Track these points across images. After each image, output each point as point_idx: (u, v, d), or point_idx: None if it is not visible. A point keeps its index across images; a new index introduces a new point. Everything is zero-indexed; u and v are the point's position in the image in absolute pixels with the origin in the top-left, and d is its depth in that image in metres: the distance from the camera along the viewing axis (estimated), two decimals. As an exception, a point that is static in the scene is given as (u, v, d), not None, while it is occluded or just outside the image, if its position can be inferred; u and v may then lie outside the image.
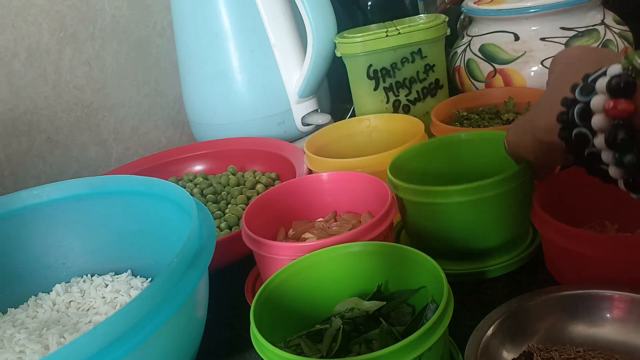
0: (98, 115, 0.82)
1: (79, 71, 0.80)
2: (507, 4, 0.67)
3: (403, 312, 0.39)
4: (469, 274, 0.48)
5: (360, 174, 0.51)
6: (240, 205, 0.62)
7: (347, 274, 0.41)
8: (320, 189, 0.53)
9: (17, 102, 0.74)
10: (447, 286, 0.34)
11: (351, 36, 0.67)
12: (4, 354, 0.41)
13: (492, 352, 0.37)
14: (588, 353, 0.36)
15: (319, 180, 0.53)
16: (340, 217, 0.52)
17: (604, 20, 0.66)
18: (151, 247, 0.48)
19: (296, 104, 0.73)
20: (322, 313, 0.40)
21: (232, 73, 0.72)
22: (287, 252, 0.42)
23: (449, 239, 0.47)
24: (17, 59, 0.74)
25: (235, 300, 0.50)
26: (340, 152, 0.65)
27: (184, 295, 0.34)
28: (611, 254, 0.40)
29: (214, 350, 0.46)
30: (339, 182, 0.52)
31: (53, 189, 0.50)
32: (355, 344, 0.36)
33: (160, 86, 0.89)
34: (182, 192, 0.43)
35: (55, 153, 0.79)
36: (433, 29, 0.68)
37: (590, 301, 0.39)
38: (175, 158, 0.74)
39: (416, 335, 0.30)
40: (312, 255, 0.40)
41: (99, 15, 0.80)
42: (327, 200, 0.53)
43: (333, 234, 0.49)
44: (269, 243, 0.43)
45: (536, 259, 0.48)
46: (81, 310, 0.47)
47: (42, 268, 0.51)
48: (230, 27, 0.71)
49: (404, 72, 0.69)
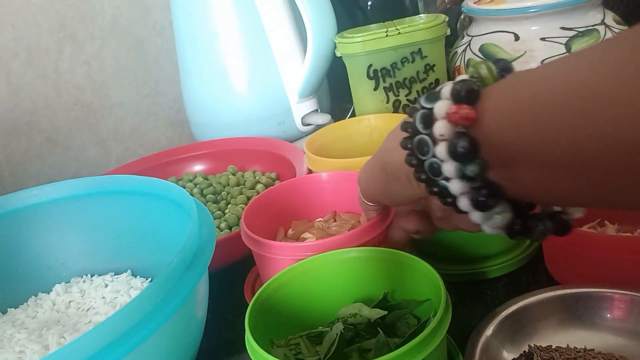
0: (97, 115, 0.82)
1: (79, 71, 0.79)
2: (507, 4, 0.67)
3: (408, 324, 0.38)
4: (469, 274, 0.48)
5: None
6: (240, 205, 0.62)
7: (348, 279, 0.41)
8: (319, 189, 0.53)
9: (16, 102, 0.74)
10: (444, 300, 0.33)
11: (351, 36, 0.67)
12: (4, 354, 0.41)
13: (492, 353, 0.37)
14: (588, 353, 0.36)
15: (319, 180, 0.53)
16: (340, 217, 0.52)
17: (604, 20, 0.66)
18: (151, 247, 0.48)
19: (296, 104, 0.73)
20: (327, 316, 0.40)
21: (232, 73, 0.72)
22: (286, 252, 0.42)
23: (451, 246, 0.47)
24: (17, 59, 0.74)
25: (235, 301, 0.50)
26: (340, 152, 0.65)
27: (184, 296, 0.34)
28: (611, 254, 0.40)
29: (214, 350, 0.46)
30: (338, 182, 0.52)
31: (53, 189, 0.50)
32: (352, 351, 0.36)
33: (160, 86, 0.89)
34: (182, 192, 0.43)
35: (54, 153, 0.79)
36: (433, 29, 0.68)
37: (590, 301, 0.39)
38: (175, 158, 0.74)
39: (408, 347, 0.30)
40: (310, 260, 0.40)
41: (98, 15, 0.80)
42: (327, 200, 0.53)
43: (332, 234, 0.49)
44: (268, 243, 0.42)
45: (536, 259, 0.48)
46: (81, 311, 0.47)
47: (42, 268, 0.51)
48: (230, 27, 0.71)
49: (404, 72, 0.69)
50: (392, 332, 0.38)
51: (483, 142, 0.25)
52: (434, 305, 0.37)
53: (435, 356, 0.32)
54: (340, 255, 0.40)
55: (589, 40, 0.64)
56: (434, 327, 0.31)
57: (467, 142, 0.25)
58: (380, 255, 0.40)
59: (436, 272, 0.36)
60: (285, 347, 0.37)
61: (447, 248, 0.48)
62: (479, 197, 0.26)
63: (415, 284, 0.38)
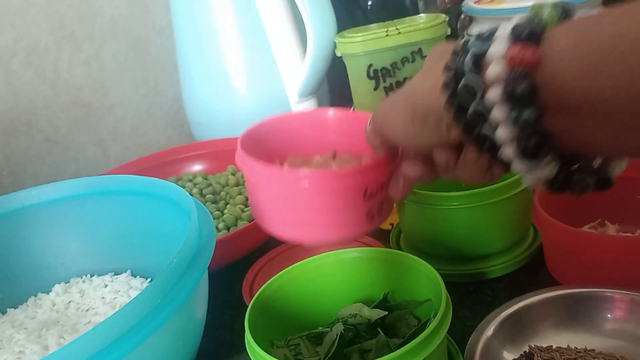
0: (97, 115, 0.82)
1: (78, 71, 0.79)
2: (507, 3, 0.67)
3: (409, 324, 0.38)
4: (470, 274, 0.47)
5: (367, 115, 0.46)
6: (239, 205, 0.62)
7: (348, 279, 0.40)
8: (322, 126, 0.47)
9: (15, 102, 0.74)
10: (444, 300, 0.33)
11: (351, 36, 0.67)
12: (4, 355, 0.41)
13: (493, 353, 0.37)
14: (588, 353, 0.36)
15: (323, 116, 0.47)
16: (340, 157, 0.48)
17: (604, 20, 0.66)
18: (151, 247, 0.48)
19: (296, 104, 0.73)
20: (327, 316, 0.40)
21: (232, 73, 0.72)
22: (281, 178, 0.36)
23: (450, 245, 0.47)
24: (16, 59, 0.74)
25: (235, 301, 0.50)
26: (340, 152, 0.65)
27: (183, 296, 0.34)
28: (611, 254, 0.40)
29: (214, 350, 0.46)
30: (344, 123, 0.46)
31: (52, 189, 0.50)
32: (352, 351, 0.36)
33: (160, 86, 0.88)
34: (182, 192, 0.43)
35: (53, 153, 0.79)
36: (433, 29, 0.68)
37: (591, 301, 0.39)
38: (174, 158, 0.74)
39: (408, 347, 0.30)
40: (310, 261, 0.40)
41: (97, 15, 0.80)
42: (329, 138, 0.48)
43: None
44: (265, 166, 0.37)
45: (537, 259, 0.48)
46: (80, 311, 0.47)
47: (41, 268, 0.50)
48: (230, 26, 0.70)
49: (404, 71, 0.69)
50: (392, 333, 0.38)
51: (543, 86, 0.24)
52: (434, 305, 0.36)
53: (435, 356, 0.32)
54: (340, 255, 0.40)
55: (589, 40, 0.64)
56: (434, 328, 0.31)
57: (527, 84, 0.24)
58: (380, 255, 0.40)
59: (436, 272, 0.36)
60: (285, 347, 0.37)
61: (447, 248, 0.48)
62: (528, 144, 0.25)
63: (415, 284, 0.38)
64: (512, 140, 0.25)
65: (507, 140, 0.26)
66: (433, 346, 0.31)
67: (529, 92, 0.24)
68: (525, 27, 0.24)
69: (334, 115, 0.46)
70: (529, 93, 0.24)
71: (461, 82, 0.26)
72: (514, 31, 0.24)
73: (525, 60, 0.24)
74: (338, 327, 0.37)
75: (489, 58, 0.25)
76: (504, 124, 0.25)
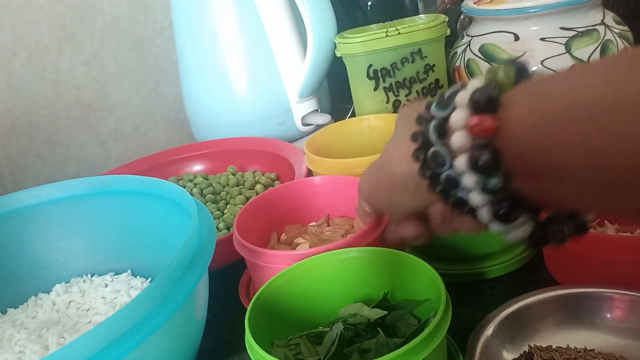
0: (97, 115, 0.82)
1: (79, 71, 0.79)
2: (507, 4, 0.67)
3: (408, 324, 0.38)
4: (469, 274, 0.48)
5: (353, 178, 0.50)
6: (239, 205, 0.62)
7: (348, 279, 0.41)
8: (313, 193, 0.53)
9: (16, 102, 0.74)
10: (444, 300, 0.33)
11: (351, 36, 0.67)
12: (4, 354, 0.41)
13: (493, 353, 0.37)
14: (588, 353, 0.36)
15: (312, 184, 0.53)
16: (333, 222, 0.52)
17: (604, 20, 0.66)
18: (151, 247, 0.48)
19: (296, 104, 0.73)
20: (327, 316, 0.40)
21: (232, 73, 0.72)
22: (279, 261, 0.41)
23: (450, 245, 0.47)
24: (17, 59, 0.74)
25: (236, 301, 0.50)
26: (340, 152, 0.65)
27: (183, 296, 0.34)
28: (611, 254, 0.40)
29: (214, 350, 0.46)
30: (331, 186, 0.52)
31: (52, 189, 0.50)
32: (352, 351, 0.36)
33: (160, 86, 0.89)
34: (182, 192, 0.43)
35: (54, 153, 0.79)
36: (433, 29, 0.68)
37: (590, 301, 0.39)
38: (175, 158, 0.74)
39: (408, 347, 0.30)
40: (310, 260, 0.40)
41: (98, 15, 0.80)
42: (320, 204, 0.53)
43: (325, 239, 0.49)
44: (260, 251, 0.42)
45: (536, 259, 0.48)
46: (81, 311, 0.47)
47: (41, 268, 0.51)
48: (230, 27, 0.70)
49: (404, 72, 0.69)
50: (392, 332, 0.38)
51: (505, 153, 0.24)
52: (434, 305, 0.37)
53: (435, 356, 0.32)
54: (340, 255, 0.40)
55: (588, 40, 0.64)
56: (434, 327, 0.31)
57: (489, 154, 0.24)
58: (380, 255, 0.40)
59: (436, 272, 0.36)
60: (285, 347, 0.37)
61: (447, 248, 0.48)
62: (501, 209, 0.25)
63: (415, 284, 0.38)
64: (485, 205, 0.26)
65: (480, 205, 0.26)
66: (433, 346, 0.31)
67: (493, 161, 0.24)
68: (482, 93, 0.24)
69: (321, 182, 0.50)
70: (492, 163, 0.24)
71: (429, 151, 0.27)
72: (472, 98, 0.25)
73: (484, 129, 0.24)
74: (338, 326, 0.37)
75: (451, 127, 0.26)
76: (475, 191, 0.25)
